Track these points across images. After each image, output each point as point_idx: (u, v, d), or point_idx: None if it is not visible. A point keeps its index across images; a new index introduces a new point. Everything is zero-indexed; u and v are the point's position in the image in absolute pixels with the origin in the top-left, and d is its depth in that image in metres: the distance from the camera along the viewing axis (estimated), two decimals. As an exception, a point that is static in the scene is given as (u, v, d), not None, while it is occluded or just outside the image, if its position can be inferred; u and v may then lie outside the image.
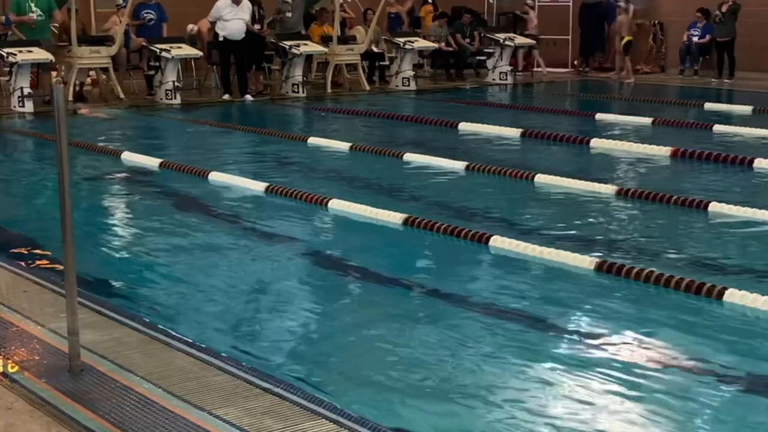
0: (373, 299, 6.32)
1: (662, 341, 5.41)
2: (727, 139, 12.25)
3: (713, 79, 18.82)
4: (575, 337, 5.50)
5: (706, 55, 19.46)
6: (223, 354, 5.03)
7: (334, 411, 4.26)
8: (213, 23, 16.23)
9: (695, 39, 19.37)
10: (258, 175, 9.95)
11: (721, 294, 5.94)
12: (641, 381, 4.87)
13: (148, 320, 5.58)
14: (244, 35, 16.09)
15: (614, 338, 5.47)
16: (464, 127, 13.21)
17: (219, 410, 4.24)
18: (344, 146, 11.69)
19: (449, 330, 5.62)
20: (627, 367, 5.05)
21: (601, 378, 4.89)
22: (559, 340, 5.46)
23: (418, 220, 7.86)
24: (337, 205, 8.51)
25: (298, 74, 16.98)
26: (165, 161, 10.67)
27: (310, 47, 17.18)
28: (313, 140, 12.21)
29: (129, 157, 11.05)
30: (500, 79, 19.21)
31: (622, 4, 19.59)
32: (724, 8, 18.55)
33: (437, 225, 7.69)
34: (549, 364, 5.07)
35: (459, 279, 6.69)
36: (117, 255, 7.38)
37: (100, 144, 12.16)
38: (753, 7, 18.28)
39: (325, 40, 17.74)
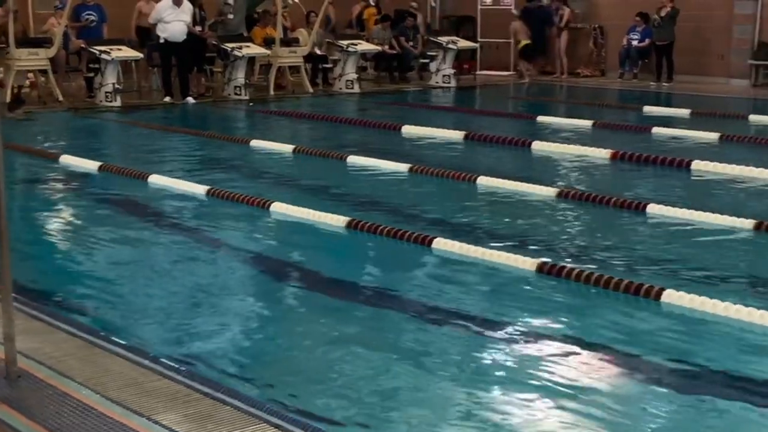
0: (315, 303, 6.30)
1: (602, 342, 5.46)
2: (665, 142, 12.42)
3: (652, 83, 19.08)
4: (516, 338, 5.53)
5: (646, 59, 19.72)
6: (162, 359, 4.98)
7: (275, 415, 4.23)
8: (154, 25, 16.09)
9: (635, 43, 19.62)
10: (199, 178, 9.88)
11: (659, 294, 6.02)
12: (580, 381, 4.91)
13: (86, 326, 5.51)
14: (185, 37, 15.97)
15: (555, 339, 5.51)
16: (408, 129, 13.23)
17: (158, 416, 4.20)
18: (287, 149, 11.65)
19: (392, 332, 5.63)
20: (566, 367, 5.09)
21: (540, 378, 4.93)
22: (501, 341, 5.49)
23: (361, 222, 7.85)
24: (279, 208, 8.48)
25: (240, 76, 16.90)
26: (104, 164, 10.55)
27: (253, 49, 17.12)
28: (255, 143, 12.15)
29: (67, 160, 10.90)
30: (443, 82, 19.29)
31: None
32: (663, 12, 18.82)
33: (380, 228, 7.70)
34: (490, 365, 5.10)
35: (402, 281, 6.70)
36: (54, 259, 7.28)
37: (38, 147, 11.98)
38: (692, 12, 18.57)
39: (268, 43, 17.67)
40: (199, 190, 9.27)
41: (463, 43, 19.89)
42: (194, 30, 16.35)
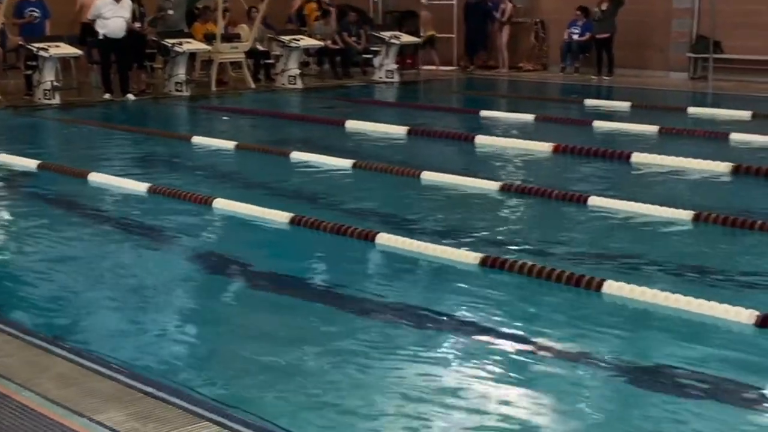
0: (259, 299, 6.27)
1: (545, 333, 5.51)
2: (606, 135, 12.56)
3: (593, 76, 19.26)
4: (461, 331, 5.55)
5: (587, 53, 19.91)
6: (103, 359, 4.92)
7: (218, 413, 4.21)
8: (93, 21, 15.88)
9: (575, 37, 19.79)
10: (140, 175, 9.78)
11: (599, 285, 6.08)
12: (523, 372, 4.95)
13: (25, 326, 5.43)
14: (124, 33, 15.79)
15: (499, 331, 5.54)
16: (351, 125, 13.22)
17: (99, 416, 4.15)
18: (229, 145, 11.58)
19: (337, 327, 5.62)
20: (511, 358, 5.13)
21: (484, 369, 4.96)
22: (445, 334, 5.51)
23: (304, 218, 7.83)
24: (222, 204, 8.42)
25: (181, 73, 16.76)
26: (43, 162, 10.40)
27: (193, 45, 16.98)
28: (197, 139, 12.06)
29: (5, 159, 10.72)
30: (387, 77, 19.29)
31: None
32: (603, 6, 19.00)
33: (324, 223, 7.68)
34: (434, 359, 5.11)
35: (345, 276, 6.69)
36: (-7, 259, 7.16)
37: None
38: (631, 5, 18.76)
39: (209, 38, 17.54)
40: (140, 187, 9.17)
41: (406, 38, 19.91)
42: (134, 26, 16.17)
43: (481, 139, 11.91)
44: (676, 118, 13.77)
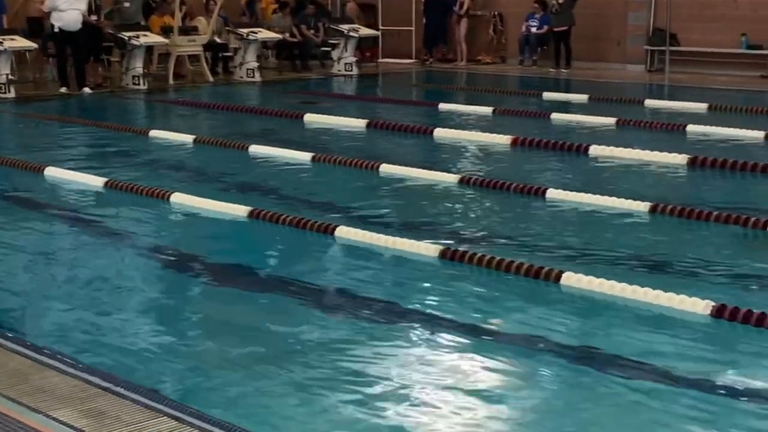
0: (217, 294, 6.24)
1: (503, 324, 5.54)
2: (564, 127, 12.62)
3: (551, 69, 19.35)
4: (420, 322, 5.56)
5: (545, 46, 20.00)
6: (60, 355, 4.87)
7: (175, 408, 4.18)
8: (48, 14, 15.68)
9: (533, 29, 19.87)
10: (97, 169, 9.68)
11: (558, 277, 6.12)
12: (483, 362, 4.96)
13: (-21, 322, 5.36)
14: (80, 26, 15.60)
15: (458, 322, 5.55)
16: (310, 118, 13.18)
17: (56, 412, 4.11)
18: (188, 139, 11.50)
19: (296, 320, 5.60)
20: (470, 349, 5.14)
21: (443, 361, 4.97)
22: (405, 326, 5.51)
23: (263, 212, 7.80)
24: (179, 198, 8.37)
25: (138, 66, 16.61)
26: (-2, 157, 10.28)
27: (150, 38, 16.83)
28: (154, 133, 11.97)
29: (-41, 154, 10.58)
30: (346, 70, 19.26)
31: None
32: (561, -1, 19.10)
33: (283, 217, 7.65)
34: (393, 350, 5.11)
35: (305, 270, 6.66)
36: (-54, 256, 7.06)
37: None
38: (589, -1, 18.89)
39: (166, 31, 17.41)
40: (97, 182, 9.09)
41: (365, 31, 19.88)
42: (90, 19, 16.00)
43: (440, 132, 11.93)
44: (633, 111, 13.88)
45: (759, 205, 8.23)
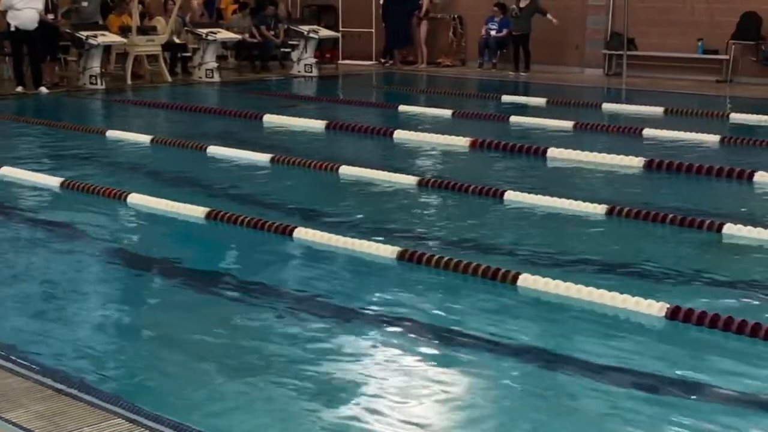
0: (174, 295, 6.20)
1: (461, 325, 5.55)
2: (522, 130, 12.69)
3: (510, 72, 19.44)
4: (379, 324, 5.56)
5: (504, 49, 20.09)
6: (13, 356, 4.81)
7: (130, 410, 4.15)
8: (4, 12, 15.51)
9: (493, 33, 19.96)
10: (53, 169, 9.60)
11: (515, 279, 6.15)
12: (440, 364, 4.98)
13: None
14: (37, 25, 15.44)
15: (416, 324, 5.56)
16: (269, 119, 13.15)
17: (8, 414, 4.07)
18: (145, 139, 11.42)
19: (253, 322, 5.59)
20: (427, 351, 5.16)
21: (402, 363, 4.98)
22: (363, 327, 5.52)
23: (221, 213, 7.76)
24: (136, 199, 8.31)
25: (95, 65, 16.47)
26: (-48, 156, 10.14)
27: (108, 38, 16.68)
28: (112, 133, 11.87)
29: None
30: (305, 71, 19.23)
31: None
32: (522, 4, 19.18)
33: (241, 218, 7.62)
34: (351, 352, 5.11)
35: (263, 271, 6.65)
36: None
37: None
38: (548, 2, 18.97)
39: (124, 31, 17.27)
40: (53, 182, 9.01)
41: (325, 33, 19.86)
42: (47, 18, 15.82)
43: (399, 134, 11.95)
44: (591, 114, 13.98)
45: (714, 207, 8.33)
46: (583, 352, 5.16)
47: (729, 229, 7.36)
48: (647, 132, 11.99)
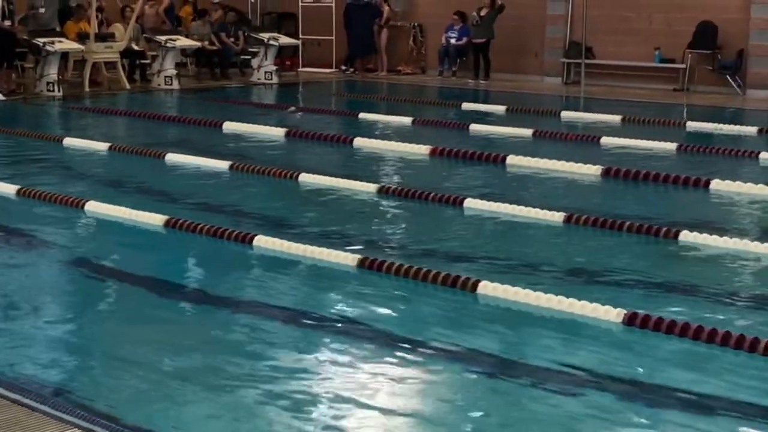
0: (133, 304, 6.15)
1: (421, 332, 5.56)
2: (482, 138, 12.75)
3: (470, 80, 19.53)
4: (339, 332, 5.55)
5: (464, 57, 20.18)
6: (-32, 366, 4.76)
7: (87, 420, 4.11)
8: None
9: (453, 41, 20.04)
10: (10, 177, 9.48)
11: (475, 286, 6.17)
12: (400, 371, 4.98)
13: None
14: (-7, 31, 15.31)
15: (376, 331, 5.57)
16: (228, 126, 13.10)
17: (-37, 426, 4.01)
18: (103, 147, 11.33)
19: (214, 330, 5.56)
20: (387, 358, 5.16)
21: (362, 371, 4.98)
22: (324, 336, 5.51)
23: (180, 221, 7.72)
24: (94, 207, 8.24)
25: (53, 72, 16.31)
26: None
27: (66, 45, 16.54)
28: (69, 141, 11.77)
29: None
30: (265, 78, 19.19)
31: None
32: (483, 12, 19.28)
33: (200, 226, 7.58)
34: (312, 360, 5.10)
35: (222, 280, 6.62)
36: None
37: None
38: (510, 11, 19.04)
39: (82, 38, 17.14)
40: (10, 189, 8.91)
41: (285, 40, 19.83)
42: (3, 24, 15.69)
43: (359, 142, 11.95)
44: (549, 122, 14.09)
45: (670, 215, 8.42)
46: (542, 359, 5.18)
47: (685, 236, 7.44)
48: (605, 140, 12.09)
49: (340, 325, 5.69)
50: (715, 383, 4.93)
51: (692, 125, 13.71)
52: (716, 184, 9.34)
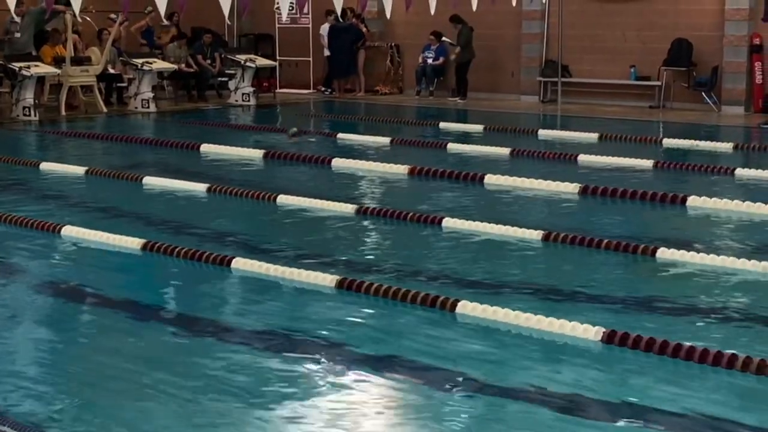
0: (110, 328, 6.11)
1: (400, 353, 5.55)
2: (460, 157, 12.78)
3: (449, 99, 19.60)
4: (318, 353, 5.53)
5: (441, 77, 20.26)
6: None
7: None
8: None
9: (429, 61, 20.12)
10: (-15, 202, 9.43)
11: (454, 306, 6.16)
12: (380, 393, 4.97)
13: None
14: (-32, 56, 15.24)
15: (355, 352, 5.55)
16: (206, 148, 13.07)
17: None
18: (80, 171, 11.28)
19: (193, 354, 5.52)
20: (366, 379, 5.14)
21: (341, 392, 4.96)
22: (303, 357, 5.47)
23: (157, 244, 7.68)
24: (71, 232, 8.19)
25: (29, 97, 16.26)
26: None
27: (42, 69, 16.50)
28: (45, 165, 11.71)
29: None
30: (243, 100, 19.19)
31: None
32: (454, 36, 19.38)
33: (178, 249, 7.55)
34: (290, 382, 5.07)
35: (202, 303, 6.59)
36: None
37: None
38: (483, 31, 19.17)
39: (58, 61, 17.10)
40: (-15, 215, 8.85)
41: (262, 61, 19.86)
42: (-22, 48, 15.64)
43: (337, 162, 11.95)
44: (527, 141, 14.15)
45: (647, 232, 8.45)
46: (520, 378, 5.17)
47: (663, 253, 7.47)
48: (582, 158, 12.14)
49: (318, 346, 5.66)
50: (694, 401, 4.93)
51: (668, 142, 13.81)
52: (693, 201, 9.39)
